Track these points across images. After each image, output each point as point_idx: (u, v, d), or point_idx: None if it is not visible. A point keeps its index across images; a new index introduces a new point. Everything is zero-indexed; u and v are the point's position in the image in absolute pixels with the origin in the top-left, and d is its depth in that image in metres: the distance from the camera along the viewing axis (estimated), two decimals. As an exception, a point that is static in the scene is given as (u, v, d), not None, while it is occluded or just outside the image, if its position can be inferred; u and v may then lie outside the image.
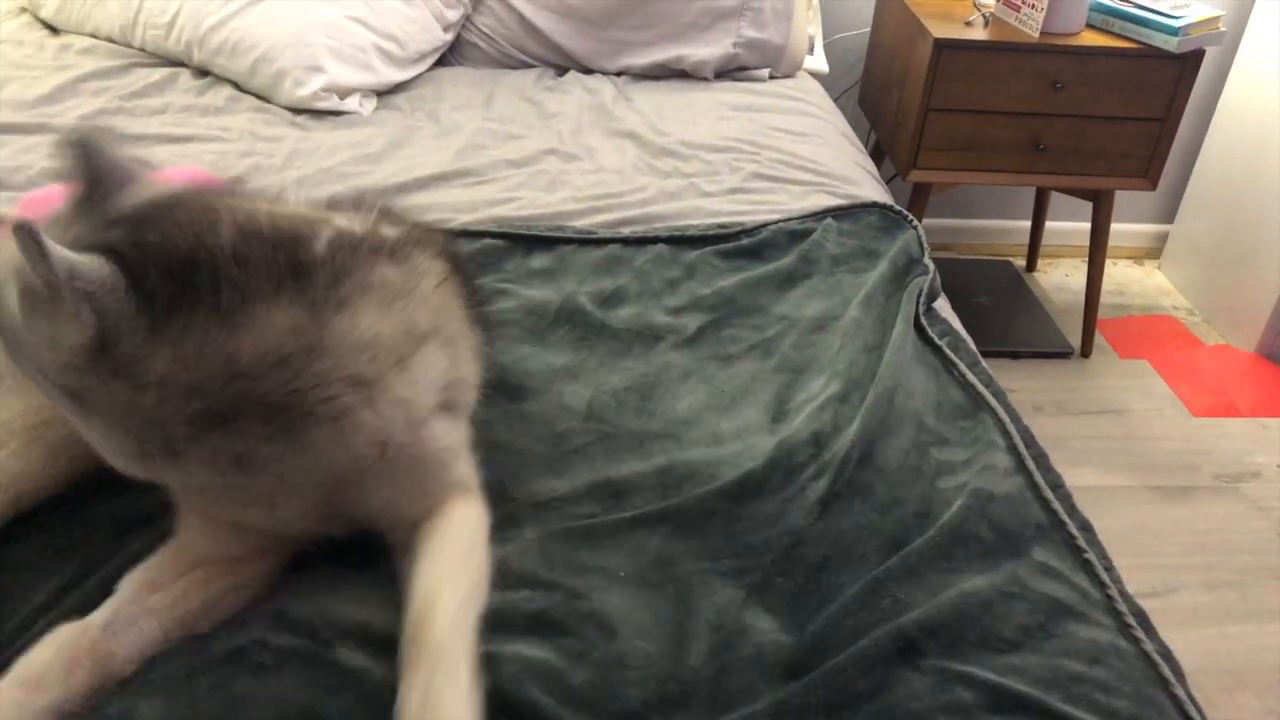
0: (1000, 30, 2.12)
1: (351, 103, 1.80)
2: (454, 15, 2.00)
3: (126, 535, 0.90)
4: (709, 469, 1.02)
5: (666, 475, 1.02)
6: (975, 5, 2.22)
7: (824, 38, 2.39)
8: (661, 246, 1.42)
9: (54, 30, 2.00)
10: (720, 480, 1.00)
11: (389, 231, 0.85)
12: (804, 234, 1.45)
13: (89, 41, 1.94)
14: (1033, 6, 2.07)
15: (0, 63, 1.82)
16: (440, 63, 2.04)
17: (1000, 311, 2.61)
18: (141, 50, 1.92)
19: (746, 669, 0.81)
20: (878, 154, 2.44)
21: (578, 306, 1.28)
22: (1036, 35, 2.07)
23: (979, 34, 2.09)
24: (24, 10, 2.04)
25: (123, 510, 0.92)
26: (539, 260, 1.39)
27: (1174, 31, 2.03)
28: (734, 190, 1.60)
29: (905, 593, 0.88)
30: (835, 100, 2.12)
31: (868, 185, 1.67)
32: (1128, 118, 2.15)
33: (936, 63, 2.06)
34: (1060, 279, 2.83)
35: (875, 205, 1.55)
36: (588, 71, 2.05)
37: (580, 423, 1.10)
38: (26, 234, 0.64)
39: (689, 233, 1.46)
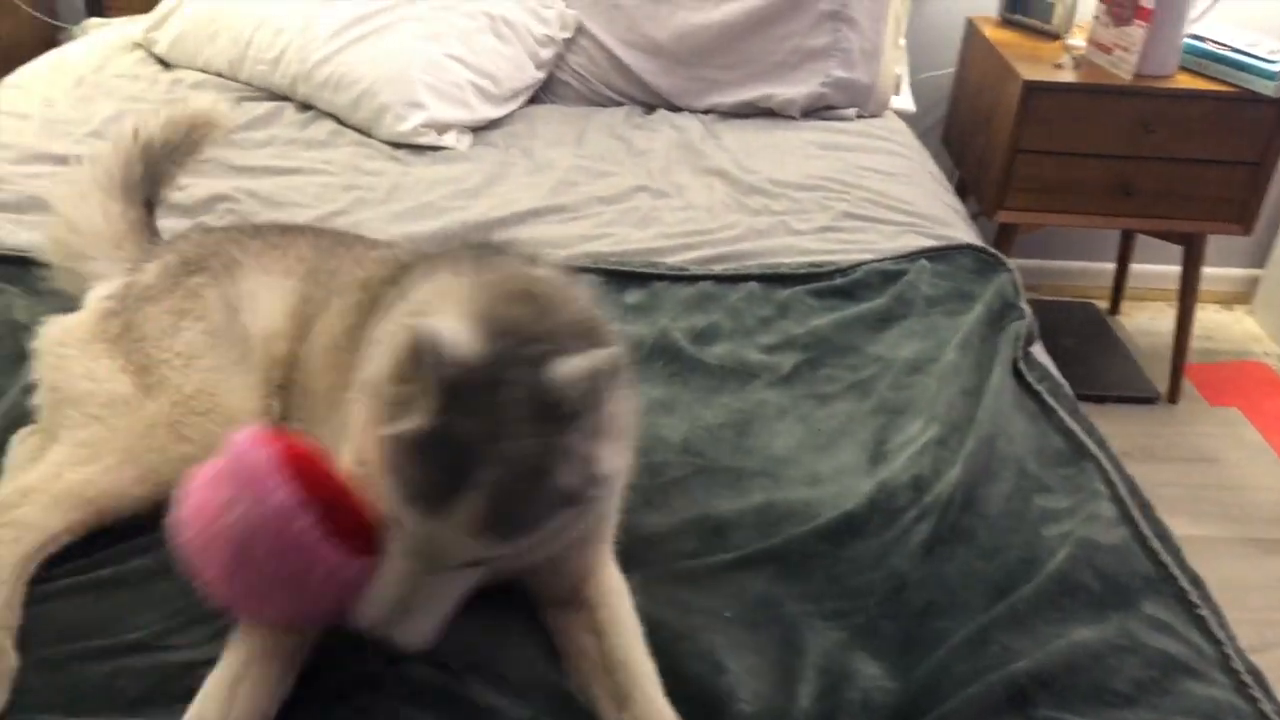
0: (1091, 73, 2.10)
1: (449, 138, 1.85)
2: (547, 54, 2.05)
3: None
4: (808, 509, 1.03)
5: (766, 513, 1.02)
6: (1065, 47, 2.20)
7: (910, 77, 2.40)
8: (753, 284, 1.44)
9: (166, 65, 2.09)
10: (820, 520, 1.00)
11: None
12: (897, 274, 1.45)
13: (199, 76, 2.02)
14: (1125, 49, 2.05)
15: (117, 97, 1.91)
16: (532, 100, 2.09)
17: (1084, 355, 2.56)
18: (248, 84, 1.99)
19: (855, 713, 0.81)
20: (960, 192, 2.42)
21: (671, 342, 1.30)
22: (1129, 77, 2.05)
23: (1069, 76, 2.08)
24: (138, 46, 2.14)
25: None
26: (633, 296, 1.41)
27: (1271, 76, 1.99)
28: (824, 229, 1.61)
29: (1013, 641, 0.87)
30: (918, 138, 2.12)
31: (959, 227, 1.67)
32: (1221, 161, 2.11)
33: (1026, 105, 2.05)
34: (1145, 322, 2.77)
35: (969, 247, 1.54)
36: (675, 109, 2.08)
37: (676, 455, 1.11)
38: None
39: (781, 271, 1.47)
